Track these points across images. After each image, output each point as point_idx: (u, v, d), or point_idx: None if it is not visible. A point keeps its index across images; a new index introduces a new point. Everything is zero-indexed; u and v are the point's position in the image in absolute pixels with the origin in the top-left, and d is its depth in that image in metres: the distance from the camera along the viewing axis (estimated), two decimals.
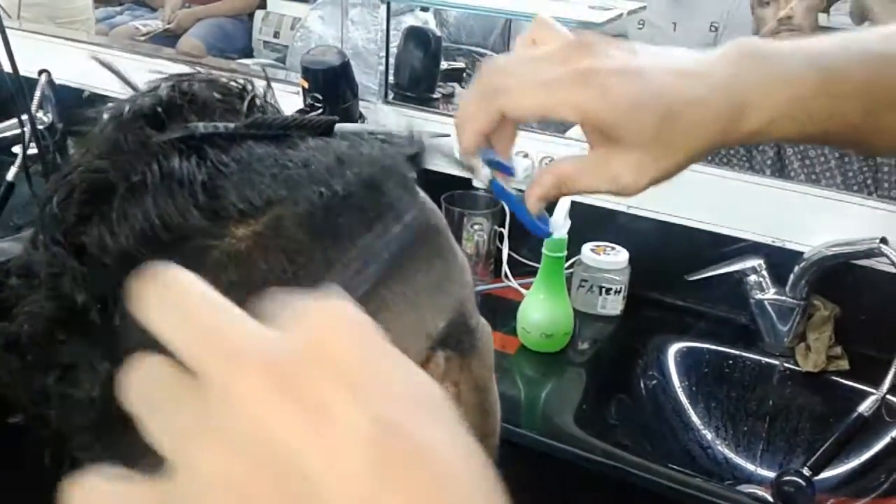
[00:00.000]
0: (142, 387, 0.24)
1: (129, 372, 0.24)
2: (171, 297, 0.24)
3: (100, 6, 3.12)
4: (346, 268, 0.35)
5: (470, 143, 0.48)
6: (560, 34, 0.48)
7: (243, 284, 0.33)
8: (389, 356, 0.25)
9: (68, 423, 0.35)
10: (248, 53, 2.82)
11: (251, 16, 2.91)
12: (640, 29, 2.28)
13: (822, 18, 1.86)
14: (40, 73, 1.63)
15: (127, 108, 0.36)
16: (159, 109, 0.36)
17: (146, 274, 0.24)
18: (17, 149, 1.49)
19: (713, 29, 2.24)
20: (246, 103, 0.38)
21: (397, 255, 0.37)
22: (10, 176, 1.57)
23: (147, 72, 0.39)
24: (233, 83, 0.39)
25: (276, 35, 2.84)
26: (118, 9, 3.11)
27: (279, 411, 0.22)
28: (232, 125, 0.36)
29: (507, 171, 0.50)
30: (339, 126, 0.41)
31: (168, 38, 2.78)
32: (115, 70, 0.41)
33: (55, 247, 0.34)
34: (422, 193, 0.43)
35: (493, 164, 0.50)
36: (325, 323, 0.24)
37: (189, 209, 0.33)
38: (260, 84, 0.40)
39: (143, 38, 2.71)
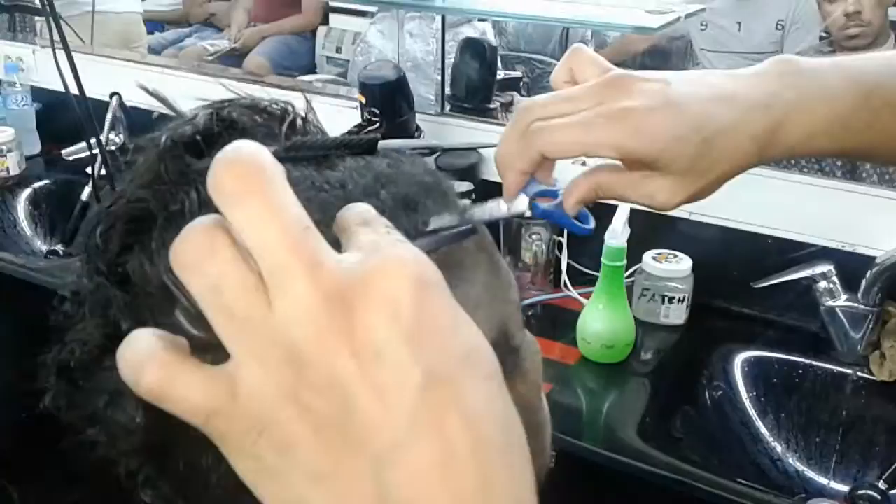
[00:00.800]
0: (213, 282, 0.26)
1: (200, 263, 0.26)
2: (259, 196, 0.25)
3: (170, 28, 3.23)
4: None
5: (513, 185, 0.49)
6: (596, 66, 0.48)
7: None
8: (449, 312, 0.27)
9: (115, 447, 0.36)
10: (312, 70, 2.88)
11: (314, 32, 2.97)
12: (703, 30, 2.24)
13: (893, 13, 1.80)
14: (111, 95, 1.69)
15: (165, 137, 0.36)
16: (198, 137, 0.36)
17: (238, 163, 0.26)
18: (90, 169, 1.55)
19: (779, 27, 2.19)
20: (285, 126, 0.38)
21: None
22: (84, 196, 1.64)
23: (193, 98, 0.39)
24: (273, 106, 0.39)
25: (339, 50, 2.89)
26: (187, 30, 3.21)
27: (333, 343, 0.25)
28: (272, 148, 0.36)
29: (553, 195, 0.50)
30: (382, 143, 0.41)
31: (235, 58, 2.86)
32: (160, 97, 0.42)
33: (99, 277, 0.35)
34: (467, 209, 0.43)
35: (539, 194, 0.50)
36: (396, 268, 0.26)
37: None
38: (302, 106, 0.40)
39: (210, 59, 2.79)
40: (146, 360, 0.26)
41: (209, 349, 0.27)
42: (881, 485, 1.05)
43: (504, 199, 0.49)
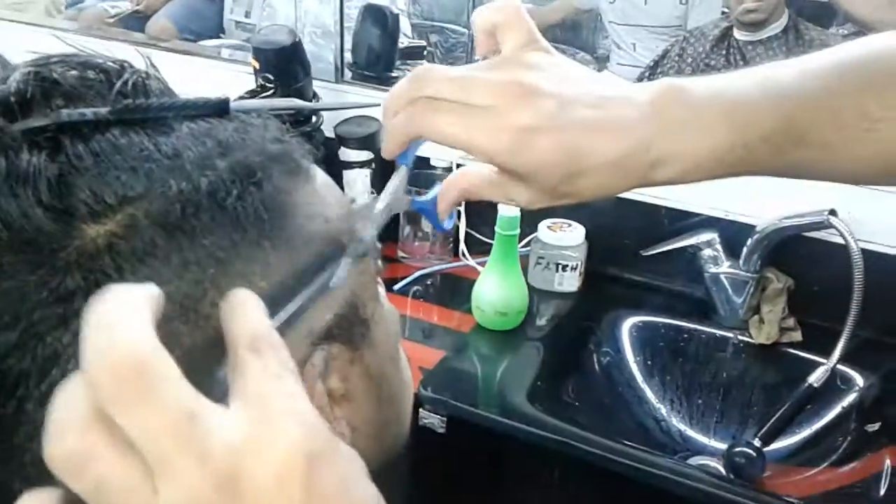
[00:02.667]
0: (95, 485, 0.26)
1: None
2: (141, 398, 0.26)
3: None
4: (202, 269, 0.33)
5: (393, 148, 0.49)
6: (521, 34, 0.48)
7: (91, 289, 0.31)
8: (339, 480, 0.28)
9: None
10: (221, 34, 2.79)
11: None
12: (611, 3, 2.27)
13: None
14: None
15: None
16: (12, 98, 0.33)
17: (115, 367, 0.26)
18: None
19: (683, 2, 2.23)
20: (118, 86, 0.35)
21: (261, 248, 0.35)
22: None
23: (27, 52, 0.36)
24: (109, 63, 0.36)
25: (248, 15, 2.80)
26: None
27: None
28: (102, 111, 0.34)
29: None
30: (236, 104, 0.38)
31: (139, 21, 2.74)
32: None
33: None
34: (320, 179, 0.41)
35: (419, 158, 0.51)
36: (284, 448, 0.27)
37: (33, 208, 0.31)
38: (143, 64, 0.38)
39: (111, 21, 2.67)
40: None
41: None
42: (756, 442, 1.10)
43: (383, 152, 0.49)
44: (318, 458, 0.28)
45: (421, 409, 1.05)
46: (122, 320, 0.26)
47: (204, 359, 0.31)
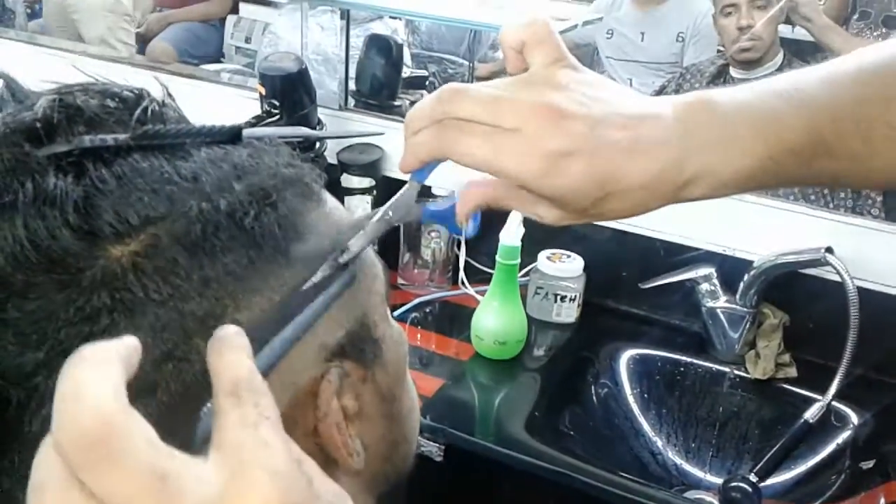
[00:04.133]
0: None
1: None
2: (111, 463, 0.25)
3: None
4: (222, 286, 0.35)
5: (410, 166, 0.48)
6: (549, 50, 0.47)
7: (116, 308, 0.33)
8: None
9: None
10: (220, 59, 2.81)
11: (223, 21, 2.90)
12: (608, 38, 2.31)
13: (787, 31, 1.89)
14: None
15: (2, 123, 0.35)
16: (38, 125, 0.35)
17: (83, 434, 0.25)
18: None
19: (680, 39, 2.27)
20: (137, 113, 0.37)
21: (277, 265, 0.37)
22: None
23: (40, 80, 0.38)
24: (126, 92, 0.38)
25: (248, 40, 2.83)
26: None
27: None
28: (121, 137, 0.35)
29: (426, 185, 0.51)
30: (247, 131, 0.40)
31: (139, 45, 2.76)
32: (4, 76, 0.40)
33: None
34: (331, 203, 0.42)
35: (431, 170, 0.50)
36: (258, 500, 0.27)
37: (60, 229, 0.32)
38: (159, 92, 0.39)
39: None
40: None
41: None
42: (752, 477, 1.11)
43: (400, 166, 0.48)
44: None
45: (419, 437, 1.05)
46: (88, 384, 0.26)
47: (191, 400, 0.31)
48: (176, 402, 0.33)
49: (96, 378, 0.26)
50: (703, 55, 2.11)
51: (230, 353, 0.30)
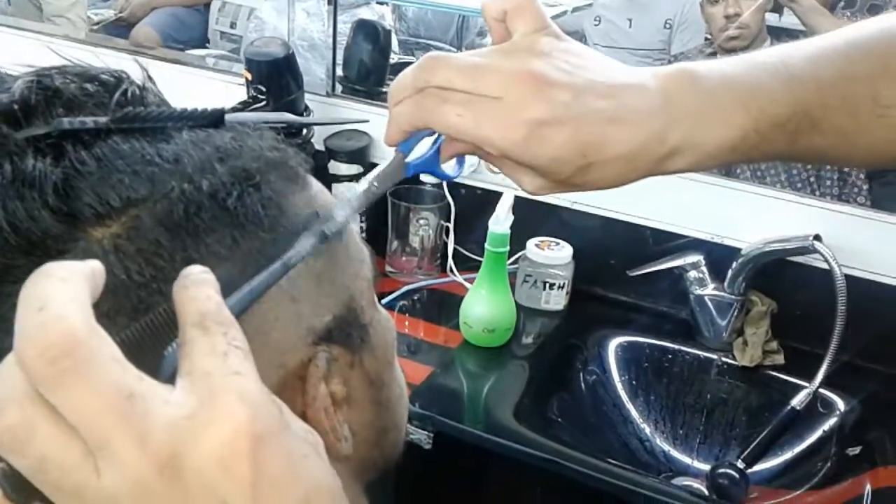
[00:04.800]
0: (36, 463, 0.26)
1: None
2: (75, 376, 0.25)
3: None
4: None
5: (395, 138, 0.47)
6: (532, 19, 0.46)
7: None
8: (285, 460, 0.28)
9: None
10: (205, 44, 2.79)
11: (208, 6, 2.87)
12: (596, 25, 2.30)
13: (774, 18, 1.89)
14: None
15: None
16: (16, 106, 0.34)
17: (47, 346, 0.25)
18: None
19: (667, 26, 2.27)
20: (116, 96, 0.36)
21: (264, 248, 0.36)
22: None
23: (13, 64, 0.37)
24: (105, 75, 0.37)
25: (233, 26, 2.80)
26: None
27: None
28: (102, 119, 0.35)
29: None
30: (230, 116, 0.39)
31: (122, 28, 2.73)
32: None
33: None
34: (315, 186, 0.42)
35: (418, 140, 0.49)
36: (228, 427, 0.26)
37: (39, 211, 0.32)
38: (139, 76, 0.39)
39: (94, 28, 2.66)
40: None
41: None
42: (740, 463, 1.11)
43: (384, 139, 0.48)
44: (264, 438, 0.27)
45: (408, 425, 1.05)
46: (54, 298, 0.26)
47: (158, 338, 0.30)
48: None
49: (62, 292, 0.26)
50: (690, 43, 2.11)
51: (196, 287, 0.29)
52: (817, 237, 1.14)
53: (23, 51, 1.66)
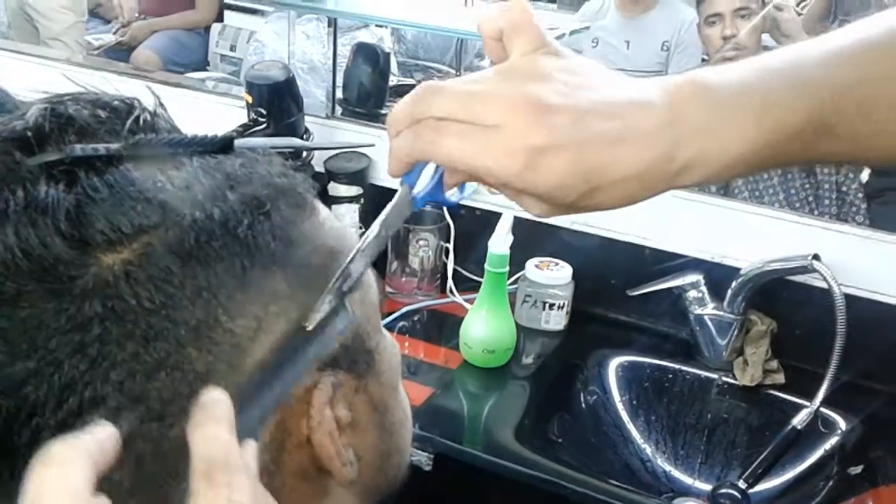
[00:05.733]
0: None
1: None
2: None
3: None
4: (213, 296, 0.35)
5: (397, 172, 0.46)
6: (530, 40, 0.44)
7: (108, 317, 0.32)
8: None
9: None
10: (205, 67, 2.81)
11: (208, 29, 2.90)
12: (594, 47, 2.32)
13: (770, 40, 1.91)
14: None
15: None
16: (29, 133, 0.35)
17: None
18: None
19: (665, 48, 2.29)
20: (129, 123, 0.37)
21: (271, 274, 0.37)
22: None
23: (31, 91, 0.38)
24: (117, 102, 0.37)
25: (233, 49, 2.83)
26: None
27: None
28: (113, 146, 0.35)
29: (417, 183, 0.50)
30: (239, 142, 0.40)
31: (123, 52, 2.75)
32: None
33: None
34: (323, 213, 0.42)
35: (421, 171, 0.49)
36: None
37: (51, 237, 0.32)
38: (151, 102, 0.39)
39: (95, 52, 2.67)
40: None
41: None
42: (741, 484, 1.11)
43: (387, 171, 0.46)
44: None
45: None
46: (48, 490, 0.27)
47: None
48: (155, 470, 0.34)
49: (57, 486, 0.27)
50: (687, 64, 2.12)
51: (208, 425, 0.30)
52: (816, 256, 1.14)
53: (19, 74, 1.67)
